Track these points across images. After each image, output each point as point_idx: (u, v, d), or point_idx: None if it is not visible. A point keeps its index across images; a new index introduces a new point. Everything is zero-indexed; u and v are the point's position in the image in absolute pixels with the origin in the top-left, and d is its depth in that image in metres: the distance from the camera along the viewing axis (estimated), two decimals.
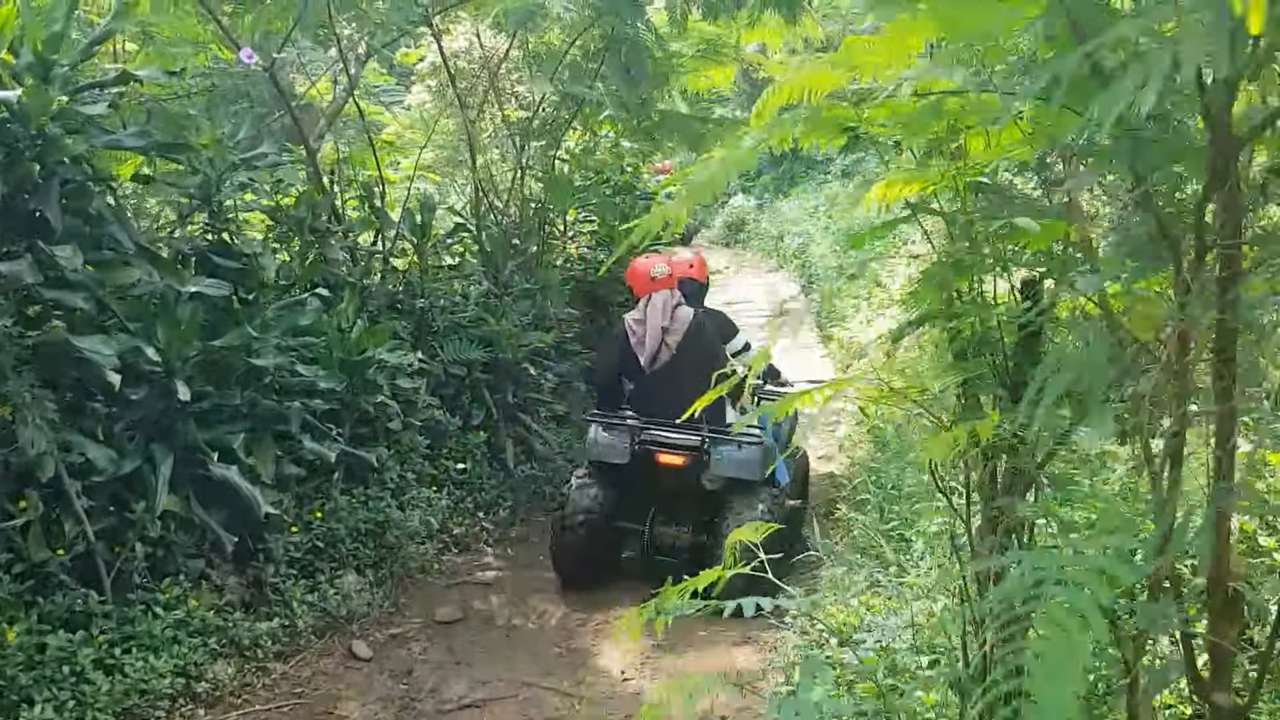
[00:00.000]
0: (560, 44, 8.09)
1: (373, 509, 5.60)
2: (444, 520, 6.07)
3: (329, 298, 5.98)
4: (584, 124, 8.51)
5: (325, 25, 6.99)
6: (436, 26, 7.72)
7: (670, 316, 5.54)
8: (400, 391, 6.06)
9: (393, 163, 8.87)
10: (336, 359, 5.63)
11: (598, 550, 5.61)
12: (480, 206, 8.25)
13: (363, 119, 7.20)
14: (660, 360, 5.54)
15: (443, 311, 6.86)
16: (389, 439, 5.99)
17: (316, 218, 6.48)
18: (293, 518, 5.23)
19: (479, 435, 6.71)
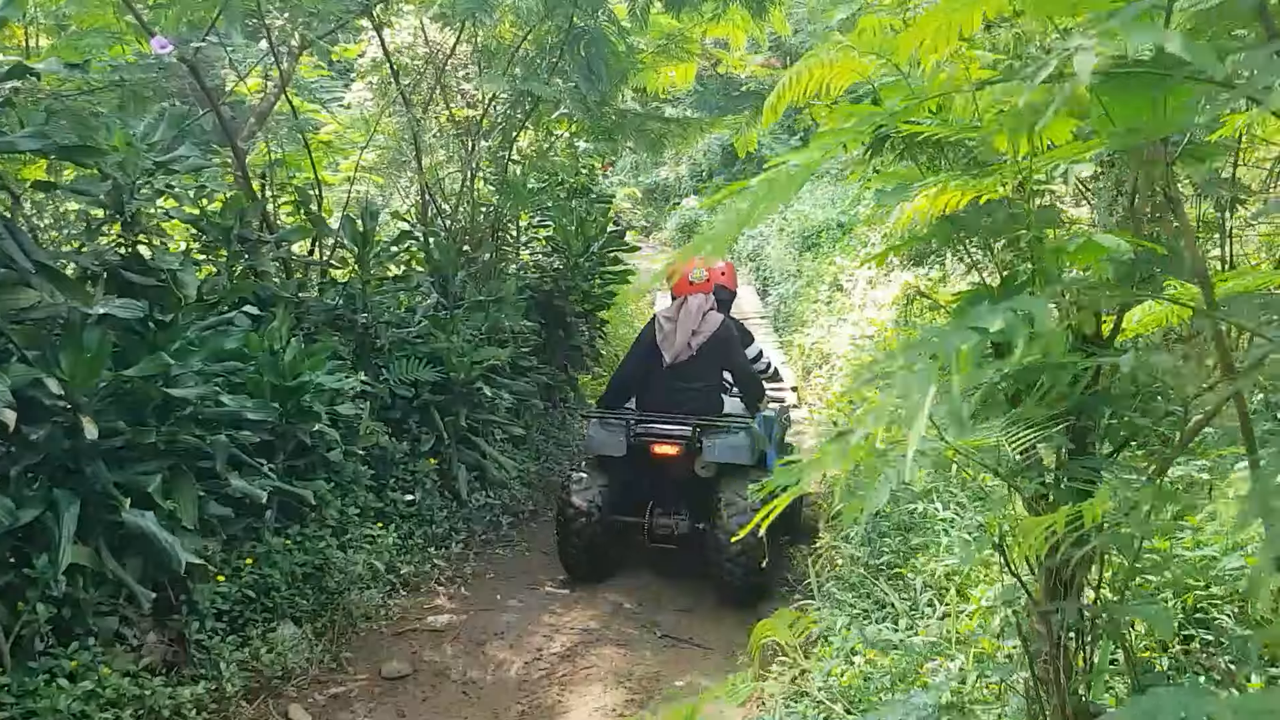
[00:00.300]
0: (512, 39, 7.56)
1: (311, 550, 5.12)
2: (391, 559, 5.52)
3: (260, 315, 5.47)
4: (538, 123, 7.98)
5: (254, 15, 6.40)
6: (378, 18, 7.15)
7: (702, 320, 5.84)
8: (340, 418, 5.52)
9: (331, 164, 8.28)
10: (268, 384, 5.12)
11: (600, 543, 5.81)
12: (427, 211, 7.70)
13: (296, 117, 6.60)
14: (680, 359, 5.82)
15: (387, 327, 6.30)
16: (328, 471, 5.45)
17: (245, 226, 5.95)
18: (219, 565, 4.75)
19: (429, 462, 6.17)
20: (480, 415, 6.72)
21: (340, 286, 6.35)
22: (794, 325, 13.36)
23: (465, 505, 6.36)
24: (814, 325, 12.58)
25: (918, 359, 1.27)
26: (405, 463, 6.07)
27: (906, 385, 1.18)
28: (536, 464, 7.49)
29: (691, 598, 5.84)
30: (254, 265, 5.94)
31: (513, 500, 6.86)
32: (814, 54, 2.44)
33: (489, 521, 6.56)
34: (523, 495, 7.01)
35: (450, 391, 6.42)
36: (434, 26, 7.87)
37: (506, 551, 6.40)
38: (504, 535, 6.57)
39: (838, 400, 9.16)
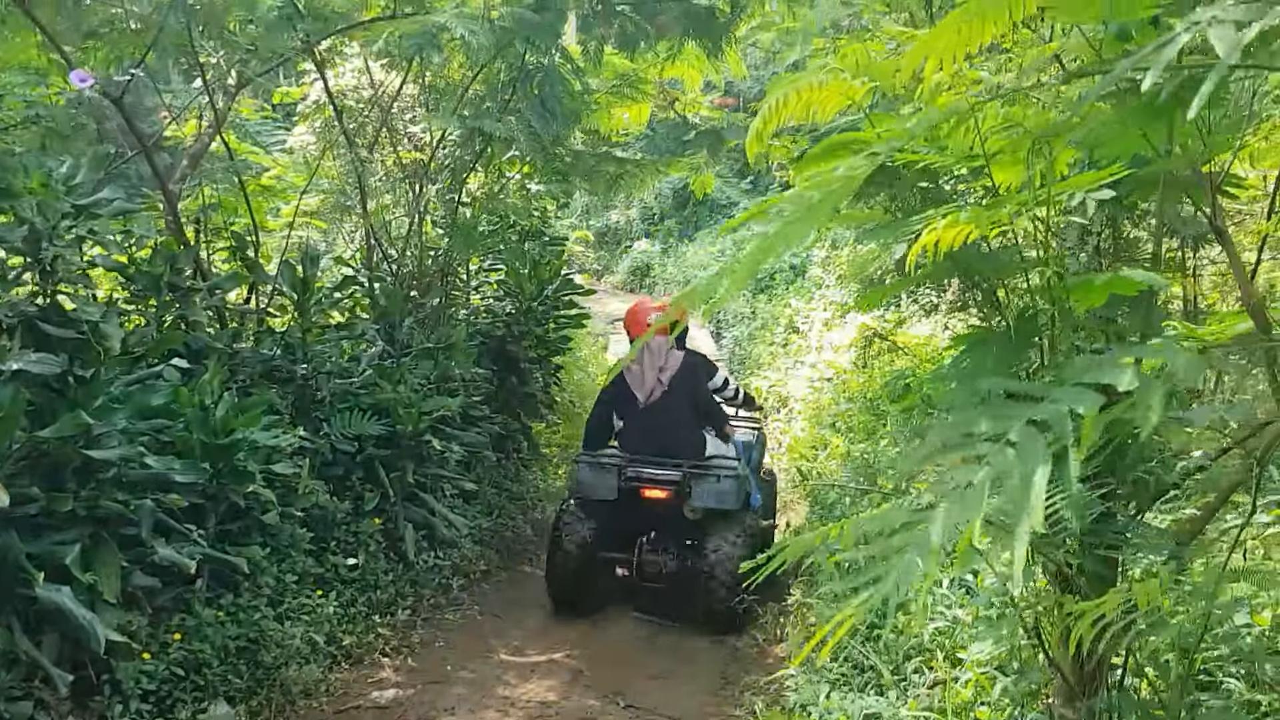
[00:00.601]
0: (462, 78, 7.30)
1: (245, 622, 4.76)
2: (331, 630, 5.14)
3: (190, 369, 5.13)
4: (488, 165, 7.71)
5: (187, 51, 6.08)
6: (320, 55, 6.86)
7: (666, 357, 6.15)
8: (277, 477, 5.17)
9: (272, 210, 7.94)
10: (198, 443, 4.79)
11: (588, 579, 6.04)
12: (373, 256, 7.38)
13: (232, 158, 6.28)
14: (654, 397, 6.10)
15: (329, 378, 5.94)
16: (264, 535, 5.10)
17: (177, 273, 5.62)
18: (145, 641, 4.38)
19: (373, 522, 5.78)
20: (429, 470, 6.36)
21: (278, 336, 6.00)
22: (749, 368, 13.18)
23: (412, 567, 5.98)
24: (770, 368, 12.40)
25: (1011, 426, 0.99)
26: (347, 523, 5.69)
27: (1004, 464, 0.90)
28: (489, 520, 7.12)
29: (661, 661, 5.52)
30: (185, 315, 5.61)
31: (464, 560, 6.48)
32: (799, 78, 2.20)
33: (438, 584, 6.17)
34: (474, 554, 6.63)
35: (396, 445, 6.06)
36: (380, 66, 7.60)
37: (457, 616, 6.02)
38: (454, 598, 6.19)
39: (799, 446, 8.93)
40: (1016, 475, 0.91)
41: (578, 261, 18.18)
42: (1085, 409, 1.00)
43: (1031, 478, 0.89)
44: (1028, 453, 0.93)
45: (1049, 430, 0.98)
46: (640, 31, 6.69)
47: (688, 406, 6.10)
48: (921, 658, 3.92)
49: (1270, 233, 5.03)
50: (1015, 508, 0.88)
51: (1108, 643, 1.68)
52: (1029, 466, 0.91)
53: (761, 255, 1.33)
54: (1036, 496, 0.88)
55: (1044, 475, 0.90)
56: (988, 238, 2.32)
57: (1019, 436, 0.97)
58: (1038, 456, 0.92)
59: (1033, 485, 0.88)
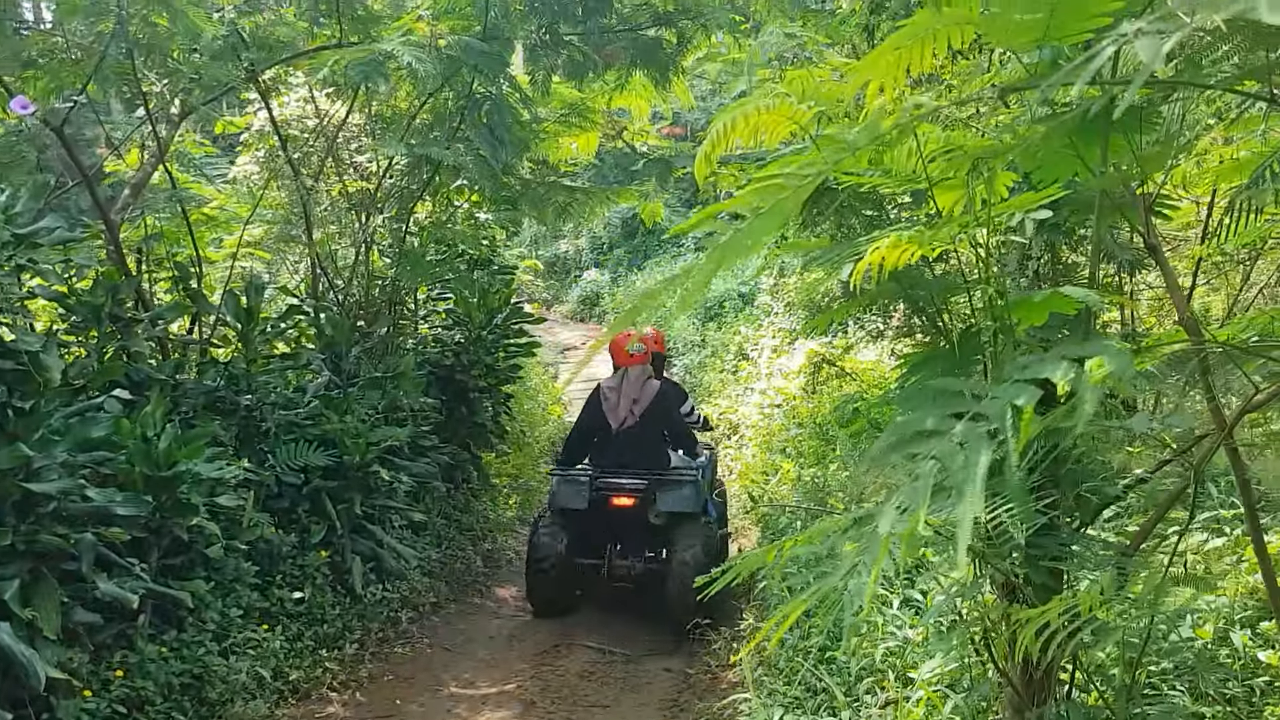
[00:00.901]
0: (409, 107, 7.30)
1: (189, 658, 4.66)
2: (278, 665, 5.04)
3: (132, 400, 5.06)
4: (436, 194, 7.70)
5: (129, 80, 6.02)
6: (264, 84, 6.82)
7: (641, 388, 6.59)
8: (221, 510, 5.09)
9: (215, 240, 7.84)
10: (140, 475, 4.71)
11: (564, 584, 6.54)
12: (318, 285, 7.31)
13: (175, 187, 6.20)
14: (626, 424, 6.56)
15: (274, 408, 5.86)
16: (208, 569, 5.01)
17: (118, 304, 5.56)
18: (86, 678, 4.26)
19: (319, 555, 5.69)
20: (376, 501, 6.28)
21: (222, 367, 5.91)
22: (700, 395, 13.21)
23: (360, 600, 5.89)
24: (721, 395, 12.44)
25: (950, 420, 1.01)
26: (293, 556, 5.59)
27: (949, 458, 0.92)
28: (438, 551, 7.04)
29: (613, 690, 5.48)
30: (127, 346, 5.54)
31: (412, 592, 6.38)
32: (746, 102, 2.23)
33: (386, 617, 6.07)
34: (423, 586, 6.54)
35: (343, 476, 5.99)
36: (325, 96, 7.57)
37: (406, 649, 5.93)
38: (403, 631, 6.10)
39: (750, 471, 8.96)
40: (959, 463, 0.93)
41: (527, 291, 18.16)
42: (1023, 401, 1.03)
43: (974, 466, 0.91)
44: (970, 443, 0.95)
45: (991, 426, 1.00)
46: (588, 61, 6.75)
47: (657, 433, 6.62)
48: (873, 678, 3.94)
49: (1204, 256, 5.17)
50: (958, 494, 0.90)
51: (1054, 652, 1.71)
52: (972, 457, 0.93)
53: (715, 266, 1.34)
54: (977, 483, 0.90)
55: (986, 462, 0.92)
56: (930, 259, 2.36)
57: (963, 431, 0.99)
58: (979, 446, 0.94)
59: (974, 472, 0.90)
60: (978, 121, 3.43)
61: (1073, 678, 2.14)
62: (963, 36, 1.81)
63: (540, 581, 6.49)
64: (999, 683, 2.04)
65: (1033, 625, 1.57)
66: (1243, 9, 0.85)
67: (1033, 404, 1.04)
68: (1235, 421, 1.63)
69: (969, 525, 0.86)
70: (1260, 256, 5.50)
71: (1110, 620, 1.58)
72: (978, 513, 0.86)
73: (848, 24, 6.41)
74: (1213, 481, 4.56)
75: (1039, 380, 1.08)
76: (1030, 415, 1.04)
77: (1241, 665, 3.39)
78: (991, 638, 1.98)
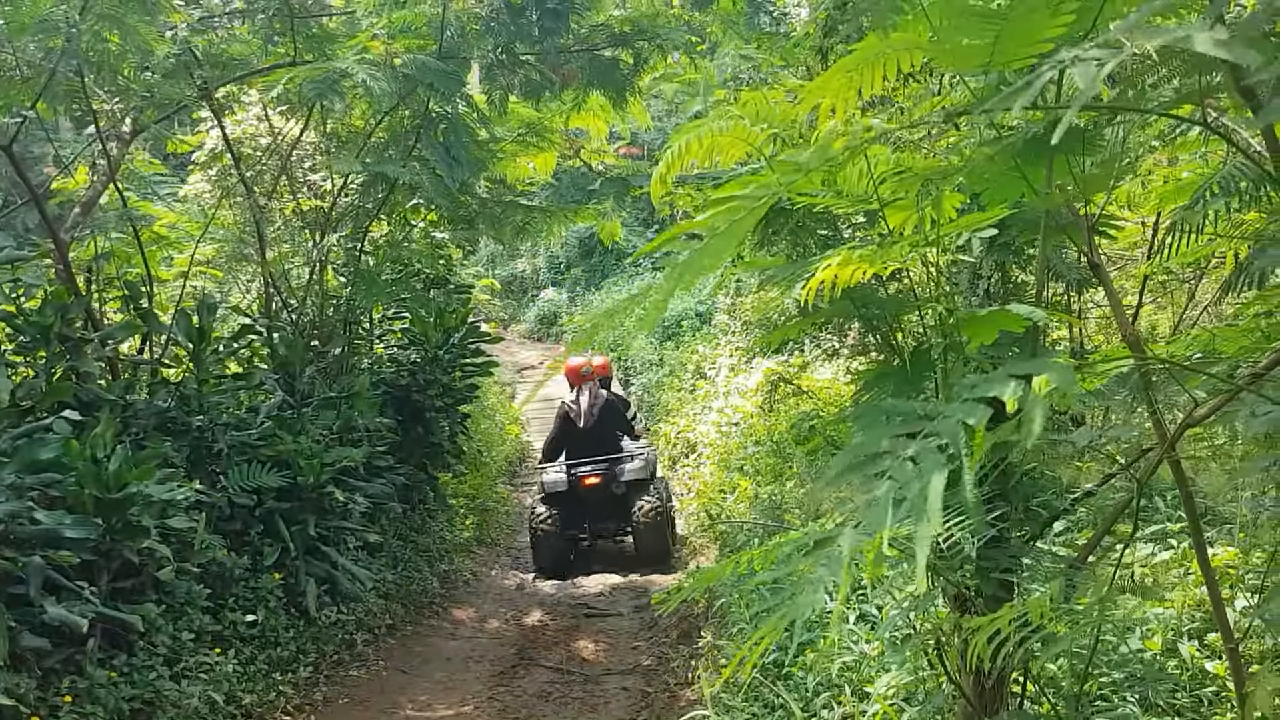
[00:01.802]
0: (364, 126, 7.27)
1: (139, 683, 4.58)
2: (230, 689, 4.95)
3: (81, 421, 4.97)
4: (392, 213, 7.67)
5: (79, 98, 5.95)
6: (217, 103, 6.77)
7: (595, 398, 8.71)
8: (172, 532, 5.00)
9: (167, 258, 7.75)
10: (90, 497, 4.63)
11: (560, 549, 8.41)
12: (271, 305, 7.24)
13: (125, 206, 6.13)
14: (587, 424, 8.61)
15: (226, 429, 5.79)
16: (159, 592, 4.92)
17: (67, 324, 5.47)
18: (34, 704, 4.16)
19: (273, 577, 5.62)
20: (331, 522, 6.21)
21: (173, 387, 5.84)
22: (658, 414, 13.24)
23: (314, 623, 5.81)
24: (679, 414, 12.47)
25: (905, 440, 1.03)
26: (246, 579, 5.51)
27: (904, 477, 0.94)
28: (394, 572, 6.97)
29: (571, 711, 5.46)
30: (76, 366, 5.46)
31: (368, 614, 6.31)
32: (701, 123, 2.26)
33: (341, 640, 6.00)
34: (379, 608, 6.47)
35: (297, 497, 5.92)
36: (279, 114, 7.53)
37: (362, 672, 5.87)
38: (358, 654, 6.03)
39: (708, 490, 8.99)
40: (916, 485, 0.96)
41: (485, 310, 18.11)
42: (975, 420, 1.06)
43: (929, 485, 0.93)
44: (926, 463, 0.98)
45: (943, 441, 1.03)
46: (545, 81, 6.77)
47: (611, 428, 8.68)
48: (830, 693, 3.96)
49: (1149, 274, 5.28)
50: (916, 514, 0.93)
51: (1004, 660, 1.74)
52: (927, 476, 0.96)
53: (673, 285, 1.36)
54: (935, 502, 0.92)
55: (940, 481, 0.94)
56: (884, 279, 2.38)
57: (917, 450, 1.02)
58: (934, 465, 0.97)
59: (930, 492, 0.93)
60: (930, 144, 3.49)
61: (1024, 689, 2.17)
62: (912, 61, 1.85)
63: (543, 545, 8.29)
64: (952, 694, 2.06)
65: (982, 634, 1.59)
66: (1177, 38, 0.89)
67: (984, 422, 1.07)
68: (1177, 436, 1.67)
69: (927, 543, 0.88)
70: (1204, 275, 5.64)
71: (1058, 630, 1.61)
72: (936, 530, 0.89)
73: (802, 46, 6.50)
74: (1160, 496, 4.65)
75: (988, 399, 1.10)
76: (982, 433, 1.06)
77: (1189, 676, 3.45)
78: (945, 649, 2.01)
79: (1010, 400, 1.09)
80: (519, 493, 11.13)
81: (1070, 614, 1.62)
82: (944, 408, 1.11)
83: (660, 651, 5.80)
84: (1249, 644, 3.52)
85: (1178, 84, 1.64)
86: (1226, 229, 3.24)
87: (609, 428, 8.66)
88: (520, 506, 10.55)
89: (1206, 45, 0.87)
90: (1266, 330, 2.04)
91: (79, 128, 6.95)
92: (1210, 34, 0.88)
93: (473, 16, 6.34)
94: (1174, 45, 0.95)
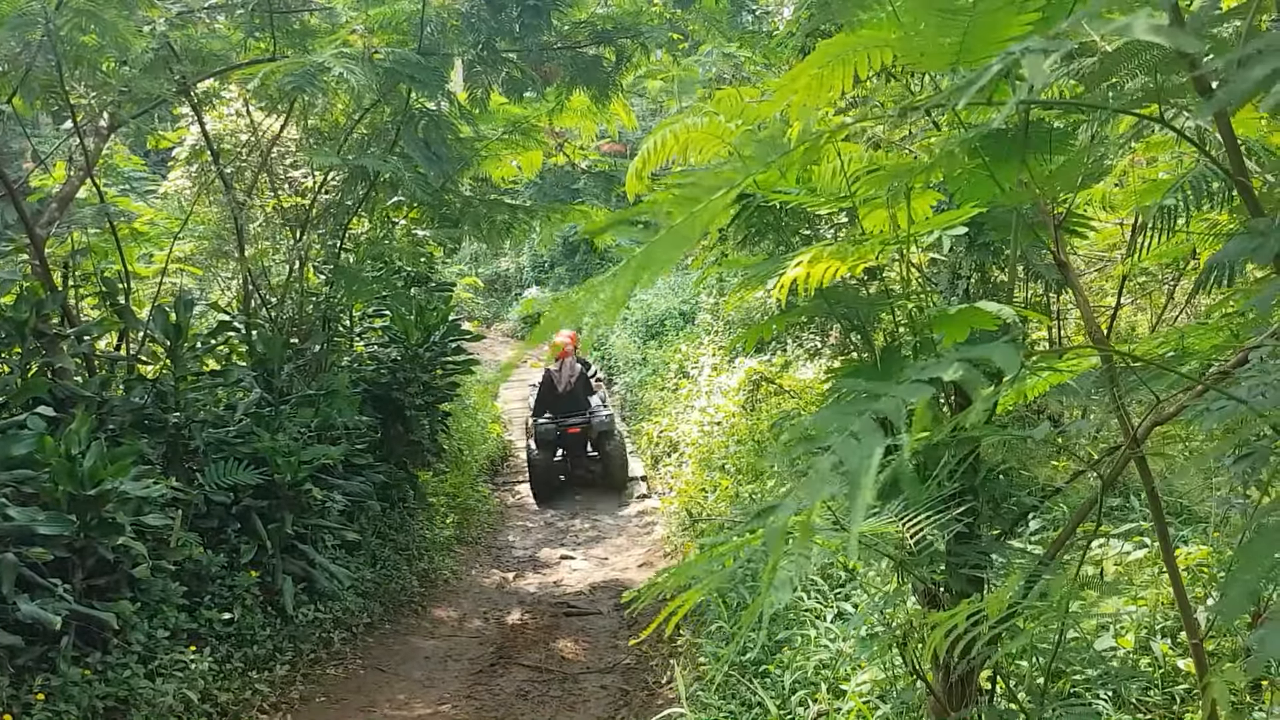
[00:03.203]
0: (346, 122, 7.24)
1: (114, 681, 4.56)
2: (206, 687, 4.93)
3: (56, 417, 4.93)
4: (373, 211, 7.63)
5: (55, 92, 5.90)
6: (196, 98, 6.73)
7: (572, 367, 10.96)
8: (148, 529, 4.98)
9: (145, 255, 7.70)
10: (64, 494, 4.60)
11: (551, 481, 10.85)
12: (250, 302, 7.20)
13: (103, 201, 6.08)
14: (565, 388, 10.81)
15: (203, 426, 5.76)
16: (134, 590, 4.90)
17: (43, 320, 5.43)
18: (7, 702, 4.17)
19: (249, 575, 5.58)
20: (309, 520, 6.18)
21: (149, 384, 5.80)
22: (641, 414, 13.23)
23: (291, 621, 5.79)
24: (661, 413, 12.46)
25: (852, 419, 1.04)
26: (222, 577, 5.49)
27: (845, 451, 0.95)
28: (373, 571, 6.94)
29: (549, 709, 5.45)
30: (51, 362, 5.43)
31: (346, 612, 6.28)
32: (677, 119, 2.26)
33: (319, 638, 5.97)
34: (357, 606, 6.44)
35: (275, 495, 5.89)
36: (259, 109, 7.49)
37: (339, 670, 5.84)
38: (336, 652, 6.00)
39: (690, 489, 8.98)
40: (856, 457, 0.97)
41: (467, 308, 18.07)
42: (915, 398, 1.07)
43: (868, 458, 0.95)
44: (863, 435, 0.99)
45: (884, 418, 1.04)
46: (527, 78, 6.75)
47: (582, 391, 10.88)
48: (806, 691, 3.97)
49: (1128, 274, 5.30)
50: (853, 483, 0.93)
51: (972, 657, 1.74)
52: (865, 446, 0.97)
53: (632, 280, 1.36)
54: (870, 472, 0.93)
55: (878, 452, 0.96)
56: (864, 279, 2.39)
57: (859, 426, 1.03)
58: (873, 437, 0.98)
59: (868, 461, 0.94)
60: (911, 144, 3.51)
61: (993, 684, 2.18)
62: (883, 60, 1.85)
63: (539, 478, 10.71)
64: (923, 691, 2.07)
65: (940, 630, 1.60)
66: (1119, 28, 0.89)
67: (925, 399, 1.08)
68: (1145, 434, 1.68)
69: (862, 511, 0.89)
70: (1182, 276, 5.68)
71: (1022, 625, 1.62)
72: (869, 500, 0.90)
73: (785, 46, 6.50)
74: (1135, 495, 4.68)
75: (934, 380, 1.11)
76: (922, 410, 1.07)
77: (1162, 674, 3.47)
78: (915, 646, 2.02)
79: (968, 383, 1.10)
80: (501, 491, 11.13)
81: (1032, 609, 1.62)
82: (890, 388, 1.12)
83: (640, 650, 5.79)
84: (1222, 641, 3.54)
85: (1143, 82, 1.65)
86: (1201, 229, 3.26)
87: (580, 390, 11.03)
88: (503, 505, 10.55)
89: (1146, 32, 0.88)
90: (1235, 329, 2.05)
91: (59, 124, 6.90)
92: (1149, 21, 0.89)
93: (453, 13, 6.32)
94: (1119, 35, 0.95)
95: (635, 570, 8.28)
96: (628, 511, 10.19)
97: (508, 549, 9.00)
